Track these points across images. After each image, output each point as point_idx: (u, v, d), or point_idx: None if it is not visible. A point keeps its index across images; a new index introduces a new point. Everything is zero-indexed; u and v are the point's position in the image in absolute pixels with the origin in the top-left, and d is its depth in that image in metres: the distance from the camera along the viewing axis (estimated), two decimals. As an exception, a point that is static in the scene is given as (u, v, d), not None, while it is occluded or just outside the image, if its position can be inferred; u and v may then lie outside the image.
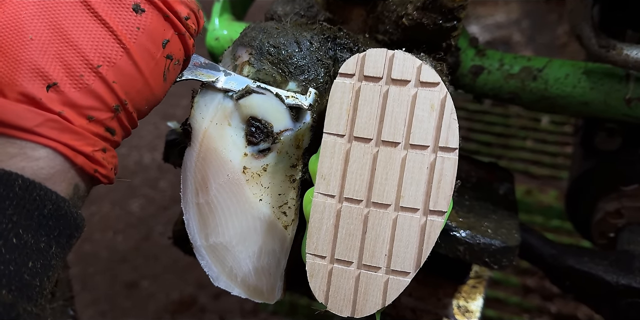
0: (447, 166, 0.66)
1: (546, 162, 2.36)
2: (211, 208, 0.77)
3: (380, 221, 0.67)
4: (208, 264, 0.79)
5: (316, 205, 0.69)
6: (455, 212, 0.95)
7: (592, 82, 0.99)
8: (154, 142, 2.93)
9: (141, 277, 2.24)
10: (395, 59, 0.68)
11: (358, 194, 0.68)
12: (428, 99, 0.67)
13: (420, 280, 1.11)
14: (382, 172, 0.68)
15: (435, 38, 0.89)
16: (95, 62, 0.59)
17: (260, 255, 0.78)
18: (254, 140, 0.76)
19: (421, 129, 0.67)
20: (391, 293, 0.67)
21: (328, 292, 0.68)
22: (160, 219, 2.49)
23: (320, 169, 0.69)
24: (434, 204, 0.66)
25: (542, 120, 2.50)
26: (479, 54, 1.07)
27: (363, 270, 0.67)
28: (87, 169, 0.61)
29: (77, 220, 0.61)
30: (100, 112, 0.61)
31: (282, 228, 0.78)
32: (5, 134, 0.57)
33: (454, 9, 0.84)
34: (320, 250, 0.69)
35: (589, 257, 1.04)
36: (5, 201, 0.54)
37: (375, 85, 0.68)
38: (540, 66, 1.03)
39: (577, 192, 1.26)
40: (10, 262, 0.53)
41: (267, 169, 0.77)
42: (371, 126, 0.68)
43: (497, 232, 0.92)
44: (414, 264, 0.66)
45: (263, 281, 0.78)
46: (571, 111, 1.04)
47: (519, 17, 3.35)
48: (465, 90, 1.11)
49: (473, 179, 1.11)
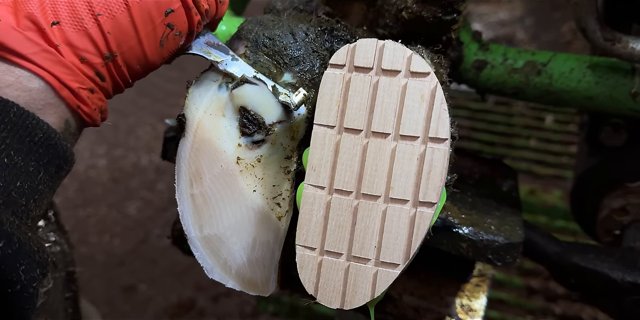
0: (437, 157, 0.66)
1: (550, 162, 2.36)
2: (205, 199, 0.78)
3: (370, 213, 0.67)
4: (202, 256, 0.79)
5: (306, 197, 0.69)
6: (457, 208, 0.95)
7: (597, 77, 0.99)
8: (152, 143, 2.94)
9: (139, 281, 2.25)
10: (385, 49, 0.68)
11: (348, 186, 0.68)
12: (418, 89, 0.67)
13: (422, 278, 1.11)
14: (372, 164, 0.68)
15: (435, 31, 0.89)
16: (97, 10, 0.64)
17: (255, 246, 0.78)
18: (247, 132, 0.76)
19: (411, 120, 0.67)
20: (380, 285, 0.67)
21: (317, 283, 0.68)
22: (158, 222, 2.50)
23: (310, 161, 0.70)
24: (424, 196, 0.66)
25: (546, 119, 2.50)
26: (482, 48, 1.07)
27: (352, 262, 0.67)
28: (70, 104, 0.66)
29: (67, 153, 0.66)
30: (93, 56, 0.66)
31: (275, 219, 0.78)
32: (3, 58, 0.62)
33: (453, 1, 0.84)
34: (310, 241, 0.69)
35: (594, 254, 1.04)
36: (0, 125, 0.59)
37: (365, 76, 0.69)
38: (545, 60, 1.02)
39: (581, 189, 1.25)
40: (0, 179, 0.58)
41: (261, 160, 0.78)
42: (361, 117, 0.68)
43: (500, 229, 0.92)
44: (404, 255, 0.66)
45: (257, 273, 0.79)
46: (576, 106, 1.04)
47: (523, 14, 3.35)
48: (469, 85, 1.11)
49: (476, 176, 1.11)
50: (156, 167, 2.78)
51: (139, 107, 3.23)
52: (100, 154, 2.90)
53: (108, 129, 3.04)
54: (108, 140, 2.98)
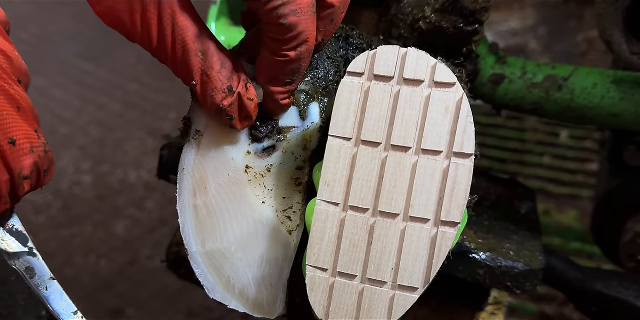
0: (462, 173, 0.65)
1: (565, 180, 2.34)
2: (209, 210, 0.76)
3: (387, 232, 0.66)
4: (203, 273, 0.77)
5: (318, 213, 0.68)
6: (474, 232, 0.95)
7: (622, 92, 0.98)
8: (140, 158, 2.93)
9: (126, 304, 2.22)
10: (408, 57, 0.67)
11: (364, 202, 0.67)
12: (442, 101, 0.66)
13: (434, 306, 1.10)
14: (390, 179, 0.67)
15: (455, 43, 0.89)
16: None
17: (262, 263, 0.77)
18: (259, 135, 0.75)
19: (434, 133, 0.66)
20: (397, 310, 0.65)
21: (328, 307, 0.67)
22: (147, 242, 2.48)
23: (324, 175, 0.69)
24: (446, 214, 0.65)
25: (560, 134, 2.49)
26: (500, 61, 1.07)
27: (367, 284, 0.66)
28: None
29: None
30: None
31: (286, 233, 0.76)
32: None
33: (475, 11, 0.84)
34: (321, 262, 0.67)
35: (617, 281, 1.03)
36: None
37: (385, 85, 0.68)
38: (566, 75, 1.02)
39: (603, 211, 1.25)
40: None
41: (271, 169, 0.76)
42: (380, 129, 0.67)
43: (519, 254, 0.92)
44: (423, 278, 0.65)
45: (263, 293, 0.77)
46: (599, 123, 1.03)
47: (535, 23, 3.36)
48: (484, 100, 1.10)
49: (492, 197, 1.10)
50: (145, 183, 2.76)
51: (126, 120, 3.22)
52: (85, 169, 2.88)
53: (93, 144, 3.02)
54: (93, 156, 2.97)
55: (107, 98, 3.43)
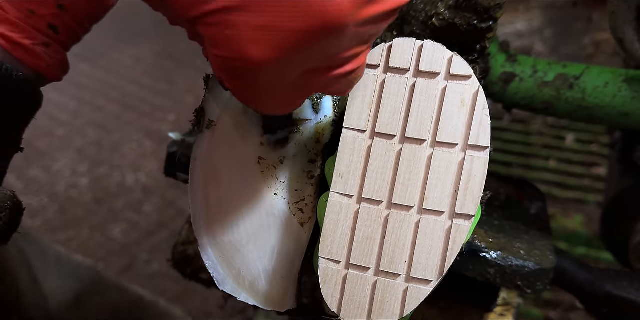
0: (477, 166, 0.66)
1: (571, 185, 2.35)
2: (221, 201, 0.77)
3: (402, 224, 0.67)
4: (214, 265, 0.78)
5: (332, 206, 0.69)
6: (484, 231, 0.95)
7: (634, 91, 0.99)
8: (138, 161, 2.92)
9: (124, 310, 2.23)
10: (424, 50, 0.69)
11: (378, 195, 0.68)
12: (459, 93, 0.67)
13: (442, 307, 1.10)
14: (405, 172, 0.68)
15: (469, 40, 0.89)
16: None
17: (273, 256, 0.77)
18: (273, 126, 0.76)
19: (450, 126, 0.67)
20: (410, 303, 0.66)
21: (341, 299, 0.68)
22: (145, 246, 2.47)
23: (338, 167, 0.70)
24: (461, 207, 0.66)
25: (566, 138, 2.50)
26: (510, 59, 1.07)
27: (380, 277, 0.67)
28: (26, 63, 0.66)
29: None
30: (41, 7, 0.64)
31: (298, 225, 0.77)
32: None
33: (490, 8, 0.84)
34: (334, 254, 0.68)
35: (628, 282, 1.03)
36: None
37: (401, 78, 0.69)
38: (577, 73, 1.03)
39: (613, 213, 1.25)
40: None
41: (284, 161, 0.77)
42: (395, 121, 0.68)
43: (530, 254, 0.92)
44: (437, 271, 0.66)
45: (274, 286, 0.77)
46: (610, 122, 1.04)
47: (542, 25, 3.36)
48: (494, 99, 1.11)
49: (502, 197, 1.11)
50: (143, 186, 2.76)
51: (124, 122, 3.23)
52: (82, 172, 2.88)
53: (90, 146, 3.02)
54: (90, 158, 2.97)
55: (104, 100, 3.43)
